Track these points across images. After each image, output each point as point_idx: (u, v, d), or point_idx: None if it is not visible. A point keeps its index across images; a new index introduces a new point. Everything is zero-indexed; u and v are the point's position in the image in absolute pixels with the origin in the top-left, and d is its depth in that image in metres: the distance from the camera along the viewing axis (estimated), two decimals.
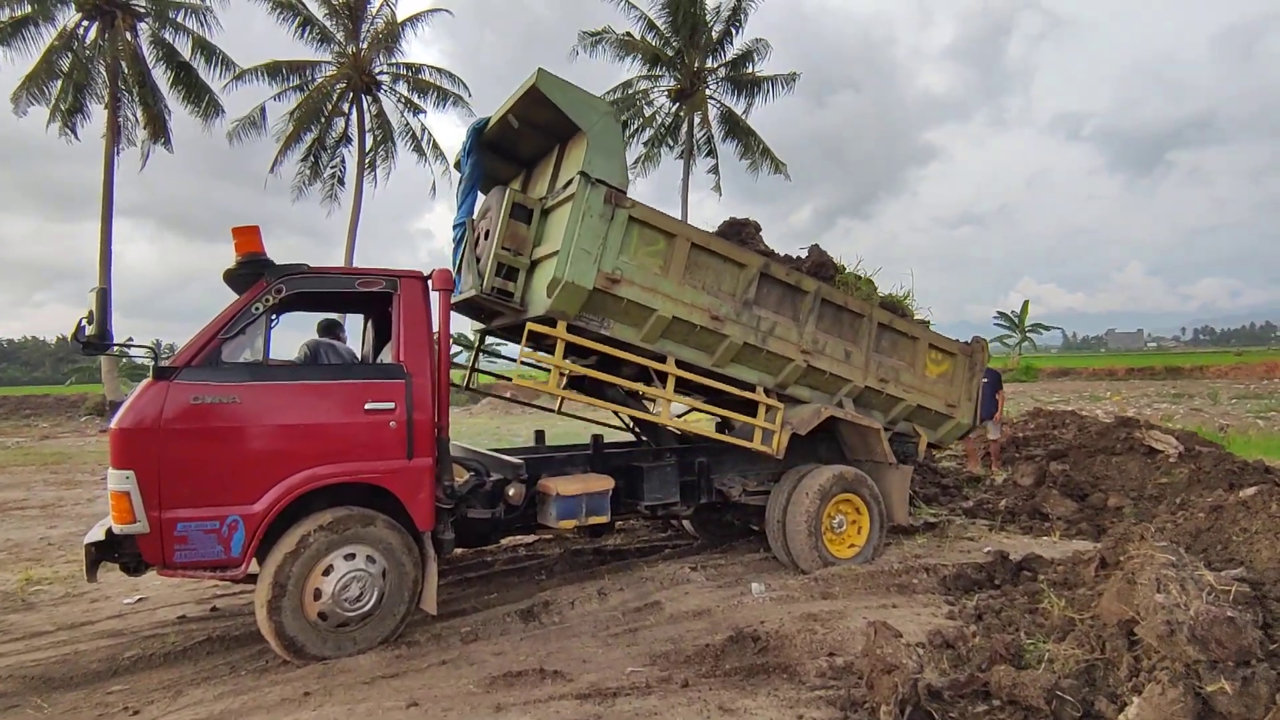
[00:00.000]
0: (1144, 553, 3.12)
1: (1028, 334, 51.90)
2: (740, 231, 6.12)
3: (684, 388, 6.07)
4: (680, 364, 5.13)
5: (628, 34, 23.97)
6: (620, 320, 4.90)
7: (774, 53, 24.79)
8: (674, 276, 4.98)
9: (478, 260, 5.11)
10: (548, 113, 4.86)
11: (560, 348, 4.72)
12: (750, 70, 25.07)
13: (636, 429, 6.56)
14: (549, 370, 5.05)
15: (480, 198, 5.69)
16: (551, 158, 5.42)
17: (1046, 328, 57.14)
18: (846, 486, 5.60)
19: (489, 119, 5.44)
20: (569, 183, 4.75)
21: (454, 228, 5.53)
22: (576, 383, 6.39)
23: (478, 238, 5.28)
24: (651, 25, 24.45)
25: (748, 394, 5.38)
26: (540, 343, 4.96)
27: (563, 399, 6.83)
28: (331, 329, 4.98)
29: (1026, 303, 51.02)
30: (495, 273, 4.88)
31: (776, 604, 4.70)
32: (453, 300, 5.50)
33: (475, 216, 5.45)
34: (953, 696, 2.92)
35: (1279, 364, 41.85)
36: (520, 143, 5.58)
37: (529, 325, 4.69)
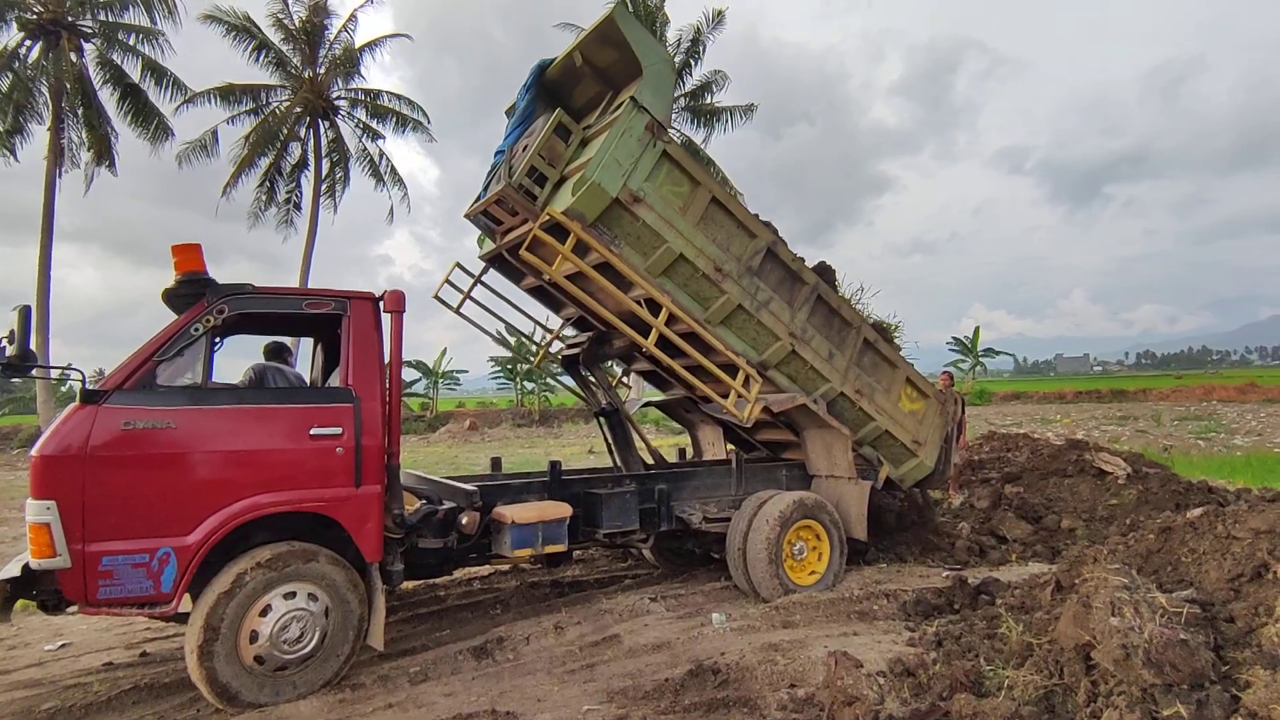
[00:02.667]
0: (1098, 575, 3.13)
1: (980, 359, 53.26)
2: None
3: (661, 377, 6.68)
4: (671, 323, 5.18)
5: None
6: (631, 245, 5.08)
7: (732, 85, 25.33)
8: (690, 219, 5.22)
9: (510, 169, 5.30)
10: (611, 54, 5.29)
11: (570, 242, 4.78)
12: (709, 101, 25.53)
13: (610, 444, 6.44)
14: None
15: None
16: (597, 111, 5.71)
17: (998, 352, 58.74)
18: (807, 513, 5.57)
19: (554, 59, 5.77)
20: (616, 108, 5.14)
21: (495, 154, 5.78)
22: (570, 364, 6.51)
23: (515, 152, 5.48)
24: None
25: (731, 355, 5.40)
26: (545, 254, 5.04)
27: (542, 356, 6.89)
28: (278, 353, 4.80)
29: (978, 328, 52.32)
30: (526, 174, 5.15)
31: (737, 634, 4.61)
32: (470, 210, 5.80)
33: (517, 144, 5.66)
34: None
35: (1215, 387, 43.69)
36: (576, 88, 5.83)
37: (547, 211, 4.86)
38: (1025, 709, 2.80)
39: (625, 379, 7.87)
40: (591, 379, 6.39)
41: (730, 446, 7.36)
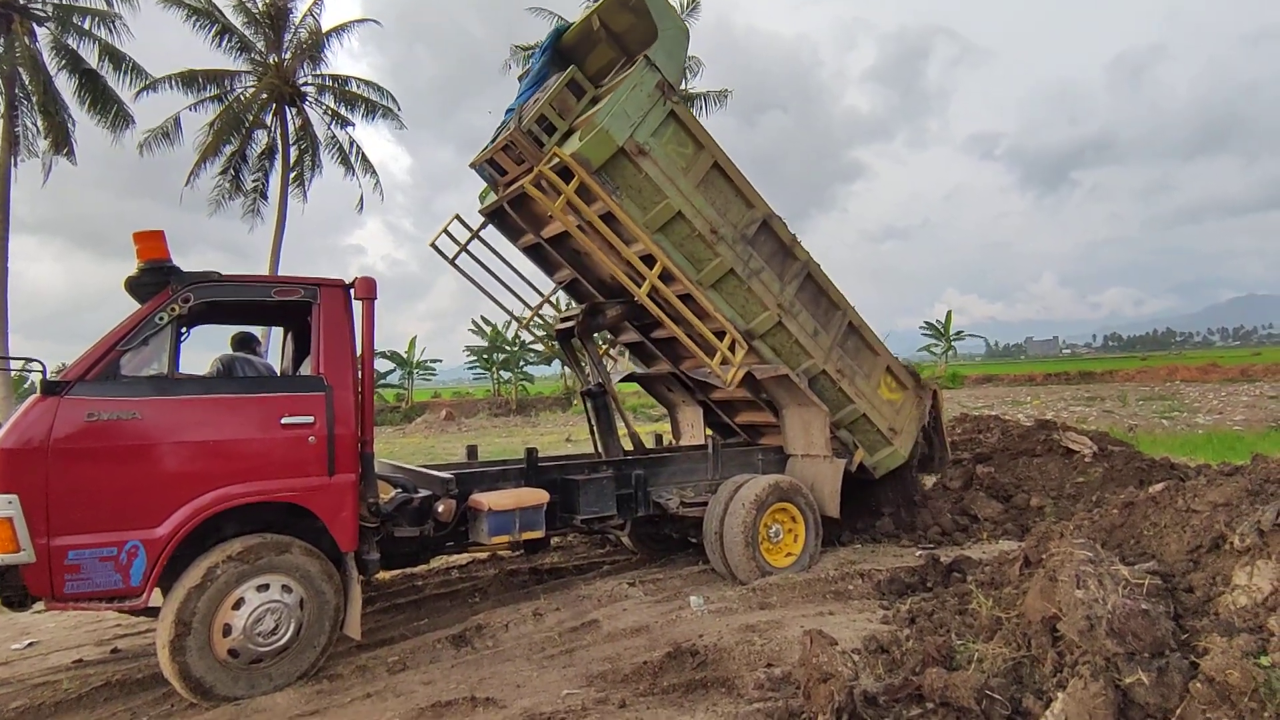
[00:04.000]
0: (1064, 550, 3.20)
1: (953, 343, 54.03)
2: None
3: (646, 352, 6.92)
4: (664, 282, 5.29)
5: None
6: (632, 197, 5.22)
7: (706, 71, 25.25)
8: (691, 179, 5.39)
9: (521, 119, 5.47)
10: (628, 19, 5.51)
11: (574, 184, 4.90)
12: (684, 87, 25.42)
13: (593, 425, 6.46)
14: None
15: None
16: (610, 75, 5.90)
17: (970, 336, 59.67)
18: (782, 496, 5.63)
19: (571, 24, 6.05)
20: (630, 66, 5.37)
21: (506, 112, 6.00)
22: (564, 338, 6.63)
23: (526, 109, 5.66)
24: None
25: (721, 319, 5.52)
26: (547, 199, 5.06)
27: (530, 318, 6.94)
28: (247, 343, 4.72)
29: (949, 313, 53.11)
30: (536, 121, 5.40)
31: (715, 617, 4.66)
32: (476, 158, 6.02)
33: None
34: (888, 701, 2.91)
35: (1179, 368, 44.81)
36: (591, 54, 5.97)
37: (554, 151, 4.97)
38: (994, 680, 2.86)
39: (611, 350, 7.97)
40: (584, 355, 6.41)
41: (709, 431, 7.41)
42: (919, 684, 2.95)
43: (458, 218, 6.45)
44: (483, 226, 6.47)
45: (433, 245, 6.45)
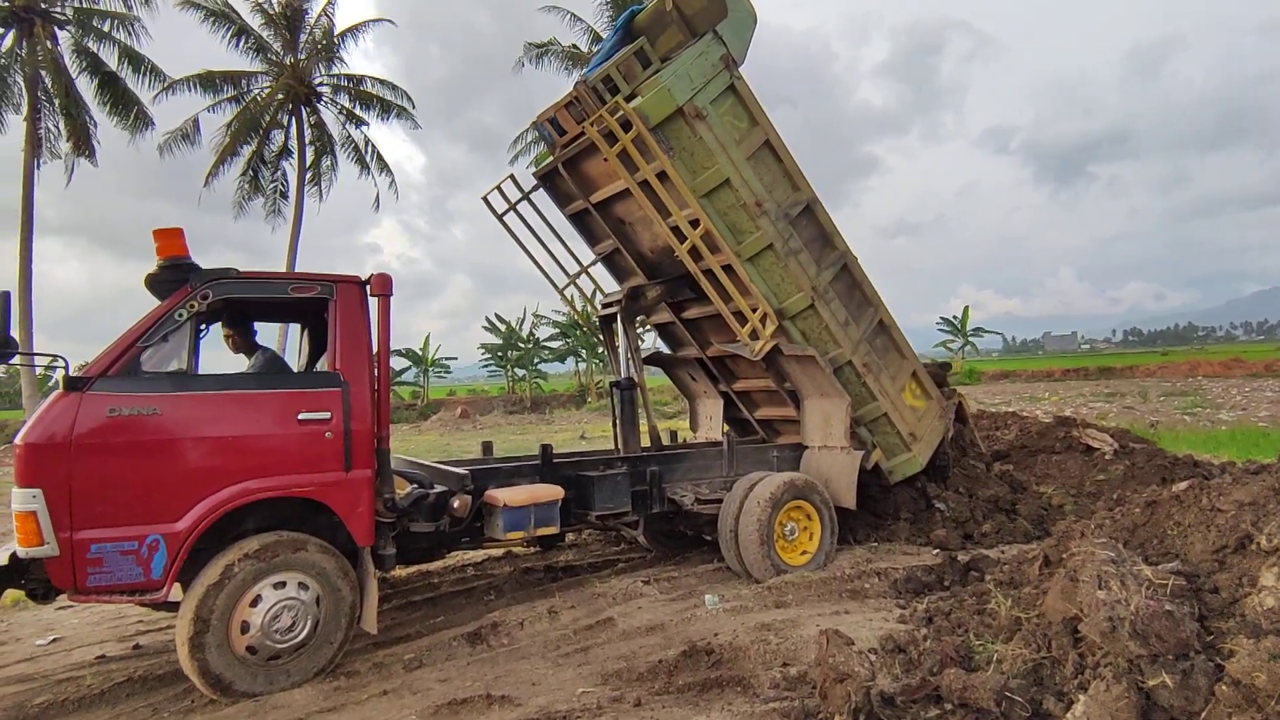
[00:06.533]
0: (1085, 550, 3.16)
1: (970, 339, 53.53)
2: None
3: (675, 337, 7.19)
4: (709, 245, 5.46)
5: (574, 46, 24.01)
6: (684, 160, 5.40)
7: None
8: (743, 151, 5.58)
9: (585, 81, 5.82)
10: (700, 2, 5.73)
11: (632, 133, 5.09)
12: None
13: (616, 418, 6.47)
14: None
15: None
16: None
17: (987, 331, 59.11)
18: (797, 493, 5.59)
19: (645, 6, 6.26)
20: (696, 39, 5.65)
21: (574, 86, 6.21)
22: (606, 323, 6.80)
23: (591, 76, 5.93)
24: (597, 38, 24.55)
25: (754, 291, 5.62)
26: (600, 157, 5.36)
27: (568, 285, 6.99)
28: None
29: (967, 308, 52.68)
30: (601, 80, 5.68)
31: (730, 615, 4.64)
32: (540, 115, 6.31)
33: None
34: (905, 702, 2.89)
35: (1201, 363, 44.15)
36: (660, 36, 6.14)
37: (616, 101, 5.20)
38: (1014, 682, 2.83)
39: (642, 328, 8.03)
40: (623, 342, 6.42)
41: (726, 427, 7.38)
42: (937, 684, 2.92)
43: (512, 178, 6.64)
44: (534, 189, 6.62)
45: (484, 200, 6.64)
